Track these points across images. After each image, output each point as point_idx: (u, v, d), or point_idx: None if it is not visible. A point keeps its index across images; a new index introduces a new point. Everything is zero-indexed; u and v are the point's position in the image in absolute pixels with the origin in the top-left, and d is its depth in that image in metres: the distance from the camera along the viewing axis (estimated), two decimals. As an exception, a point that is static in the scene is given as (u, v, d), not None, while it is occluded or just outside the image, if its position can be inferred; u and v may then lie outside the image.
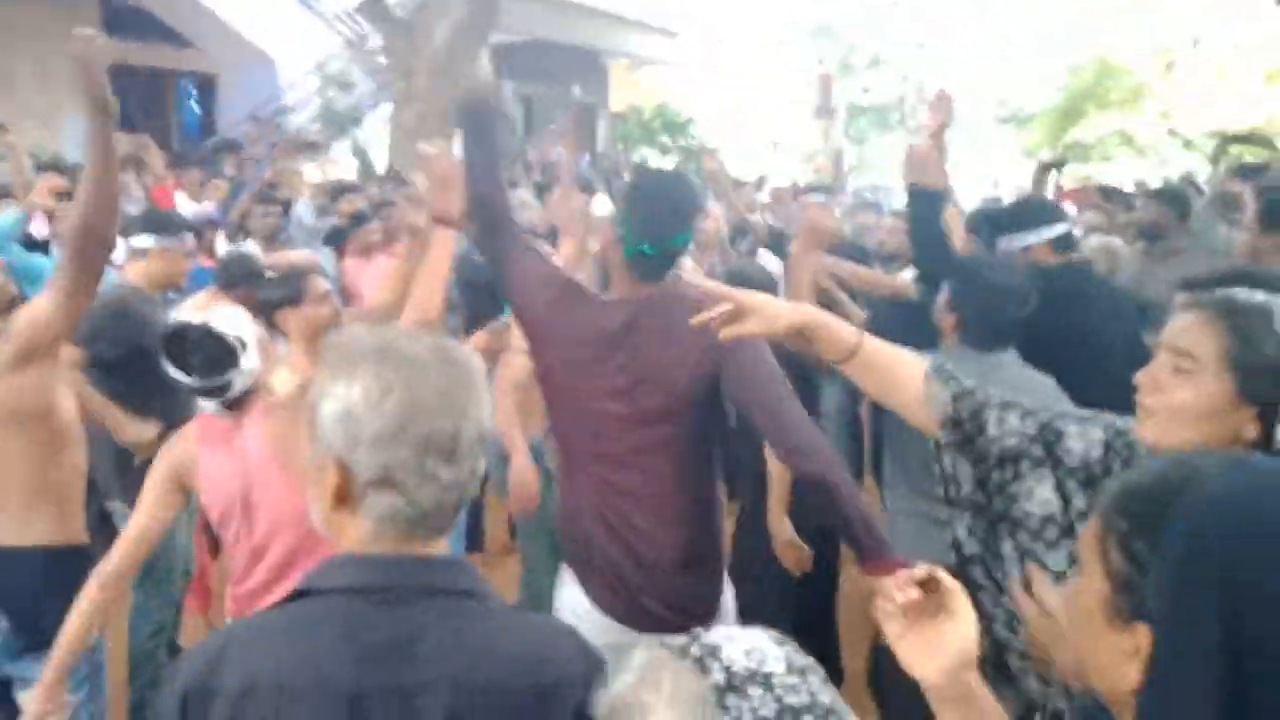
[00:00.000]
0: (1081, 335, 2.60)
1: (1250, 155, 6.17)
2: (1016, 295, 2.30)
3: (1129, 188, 8.97)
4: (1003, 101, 20.01)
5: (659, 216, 1.94)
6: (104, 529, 2.64)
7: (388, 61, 9.83)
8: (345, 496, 0.99)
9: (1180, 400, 1.20)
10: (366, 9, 8.58)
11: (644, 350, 1.93)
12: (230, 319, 2.09)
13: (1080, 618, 0.82)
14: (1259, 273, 1.46)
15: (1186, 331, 1.21)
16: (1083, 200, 5.89)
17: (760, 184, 10.31)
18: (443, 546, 1.05)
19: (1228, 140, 5.55)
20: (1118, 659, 0.76)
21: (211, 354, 1.98)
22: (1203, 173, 10.10)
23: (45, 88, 10.33)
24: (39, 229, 4.08)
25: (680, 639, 0.81)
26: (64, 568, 2.18)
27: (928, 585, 0.98)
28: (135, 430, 2.81)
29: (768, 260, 4.81)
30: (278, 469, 1.99)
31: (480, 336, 3.44)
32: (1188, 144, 15.46)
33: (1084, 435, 1.40)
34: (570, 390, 2.00)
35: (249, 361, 2.02)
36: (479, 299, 3.97)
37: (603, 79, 16.53)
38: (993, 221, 3.45)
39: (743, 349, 1.84)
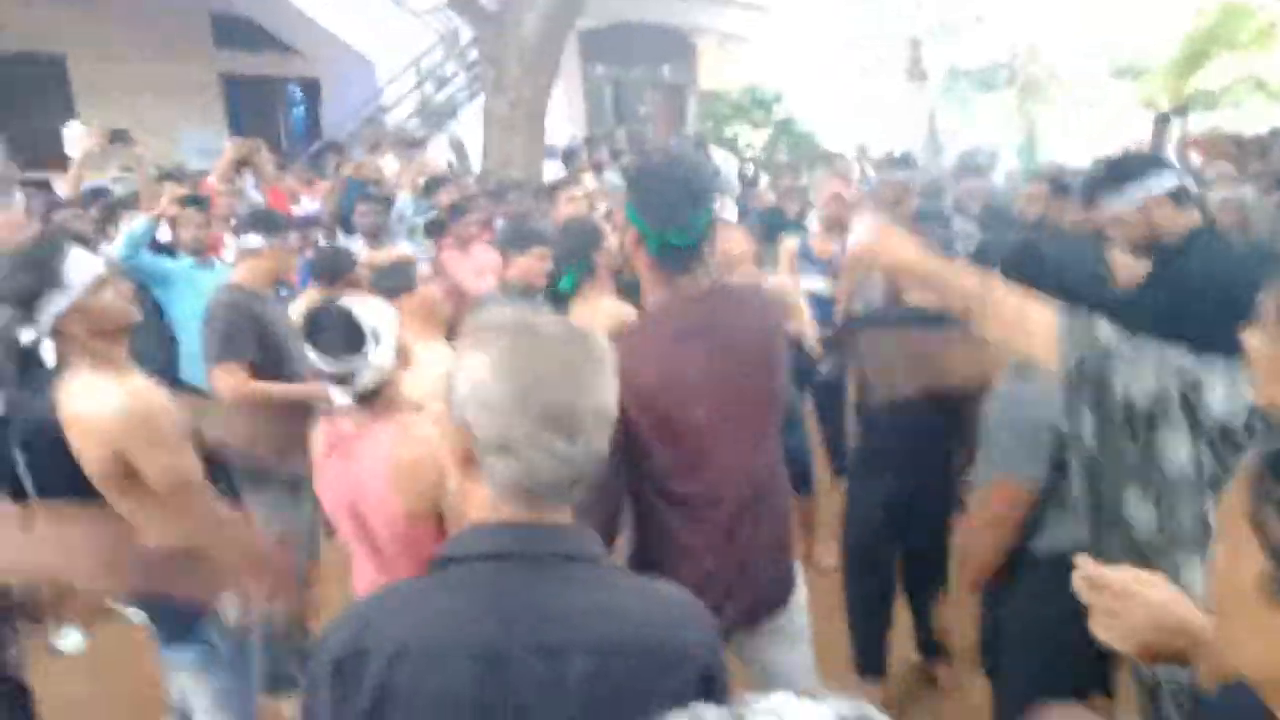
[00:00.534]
0: (1219, 312, 2.39)
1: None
2: (1071, 265, 2.11)
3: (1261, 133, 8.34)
4: (1120, 53, 18.84)
5: (673, 202, 1.86)
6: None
7: (479, 54, 10.00)
8: (469, 461, 1.05)
9: (1263, 358, 1.17)
10: (457, 4, 8.73)
11: (728, 338, 1.89)
12: (374, 309, 2.10)
13: (1231, 597, 0.74)
14: None
15: (1275, 292, 1.18)
16: (1211, 149, 5.46)
17: (862, 153, 10.07)
18: (567, 515, 1.09)
19: None
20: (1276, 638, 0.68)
21: (342, 336, 2.00)
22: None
23: (163, 102, 10.96)
24: (164, 235, 4.33)
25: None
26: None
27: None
28: (315, 390, 2.79)
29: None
30: (384, 481, 1.99)
31: None
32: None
33: (1229, 392, 1.33)
34: (688, 414, 1.86)
35: (379, 354, 2.02)
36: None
37: (691, 58, 16.38)
38: (1090, 183, 3.15)
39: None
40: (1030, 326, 1.49)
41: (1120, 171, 2.75)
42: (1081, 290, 2.08)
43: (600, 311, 3.01)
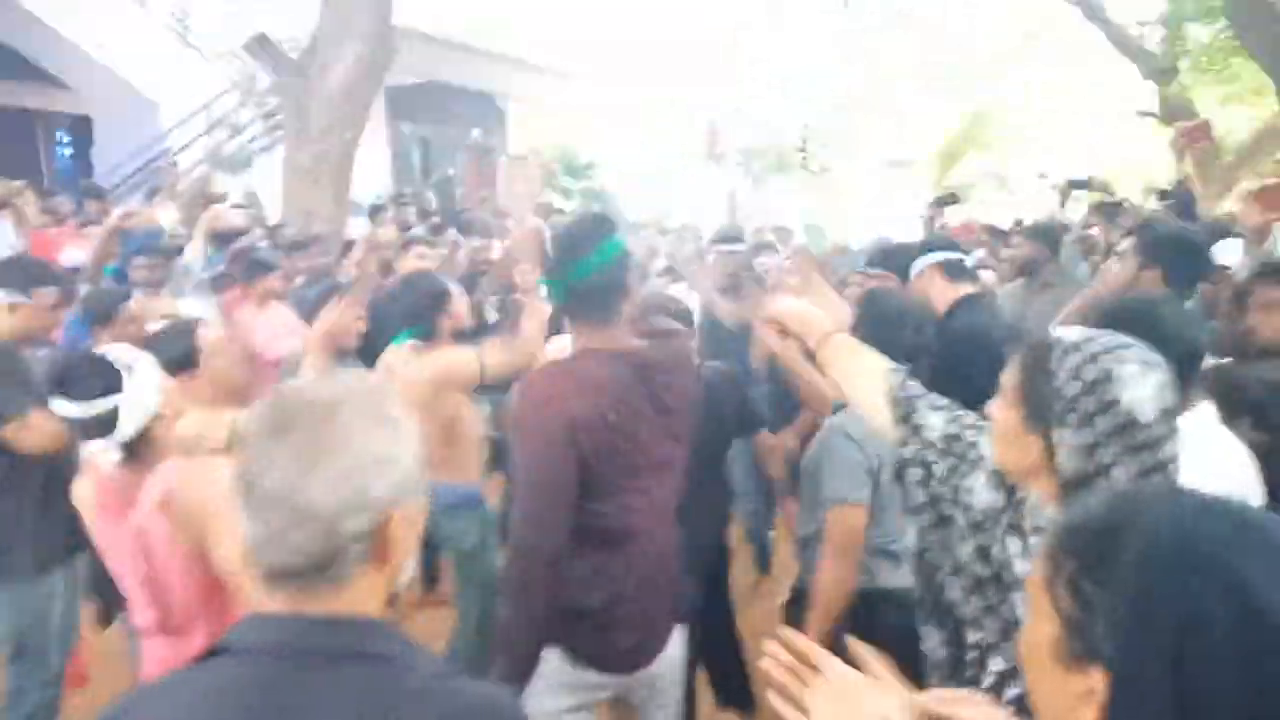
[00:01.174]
0: (987, 365, 2.71)
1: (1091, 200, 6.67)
2: (912, 321, 2.41)
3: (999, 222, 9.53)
4: (894, 146, 21.00)
5: (567, 248, 1.96)
6: None
7: (279, 102, 9.59)
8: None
9: (997, 422, 1.35)
10: (254, 48, 8.38)
11: (662, 391, 2.00)
12: (123, 350, 1.95)
13: (1032, 659, 0.80)
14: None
15: (1008, 368, 1.36)
16: (969, 237, 6.22)
17: (660, 226, 10.52)
18: (352, 602, 1.00)
19: (1072, 185, 5.97)
20: (1070, 702, 0.73)
21: (92, 379, 1.84)
22: (1072, 212, 10.84)
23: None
24: None
25: None
26: None
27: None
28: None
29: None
30: (171, 533, 1.85)
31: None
32: (1055, 186, 16.48)
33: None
34: (615, 463, 1.94)
35: (138, 392, 1.87)
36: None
37: (502, 121, 16.57)
38: (884, 256, 3.60)
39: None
40: (865, 368, 1.72)
41: (901, 252, 3.18)
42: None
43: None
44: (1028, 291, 4.54)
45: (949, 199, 5.61)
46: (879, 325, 2.38)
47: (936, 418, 1.57)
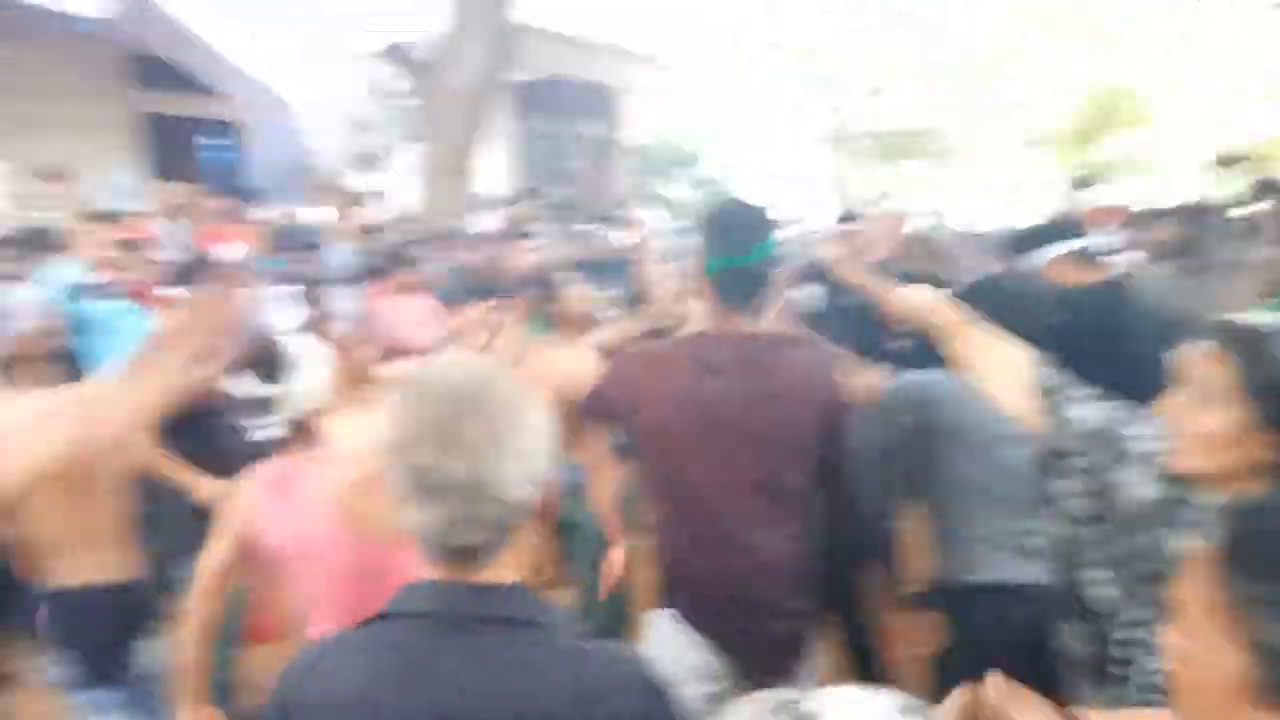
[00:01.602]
0: (1118, 355, 2.61)
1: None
2: (1044, 304, 2.31)
3: (1145, 206, 8.99)
4: (1031, 126, 20.07)
5: (730, 232, 2.00)
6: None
7: (410, 104, 10.04)
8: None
9: (1205, 430, 1.23)
10: (388, 54, 8.80)
11: (766, 388, 1.94)
12: (296, 339, 2.17)
13: (1202, 693, 0.72)
14: None
15: (1199, 361, 1.26)
16: (1112, 220, 5.93)
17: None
18: (503, 571, 1.08)
19: (1223, 162, 5.58)
20: None
21: (270, 363, 2.04)
22: (1211, 191, 10.13)
23: (79, 140, 10.60)
24: (97, 279, 4.21)
25: (778, 696, 0.83)
26: (130, 603, 2.26)
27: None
28: (208, 488, 2.91)
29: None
30: (336, 521, 2.01)
31: None
32: (1208, 165, 15.44)
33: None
34: (695, 437, 1.96)
35: (305, 375, 2.05)
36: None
37: (616, 113, 16.75)
38: (1011, 243, 3.47)
39: (845, 418, 2.02)
40: (1002, 364, 1.66)
41: (1028, 238, 3.07)
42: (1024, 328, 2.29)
43: (562, 362, 3.09)
44: (1175, 275, 4.33)
45: (1086, 180, 5.36)
46: (1005, 312, 2.26)
47: (1085, 409, 1.52)
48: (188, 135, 12.65)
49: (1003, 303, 2.30)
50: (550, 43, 12.99)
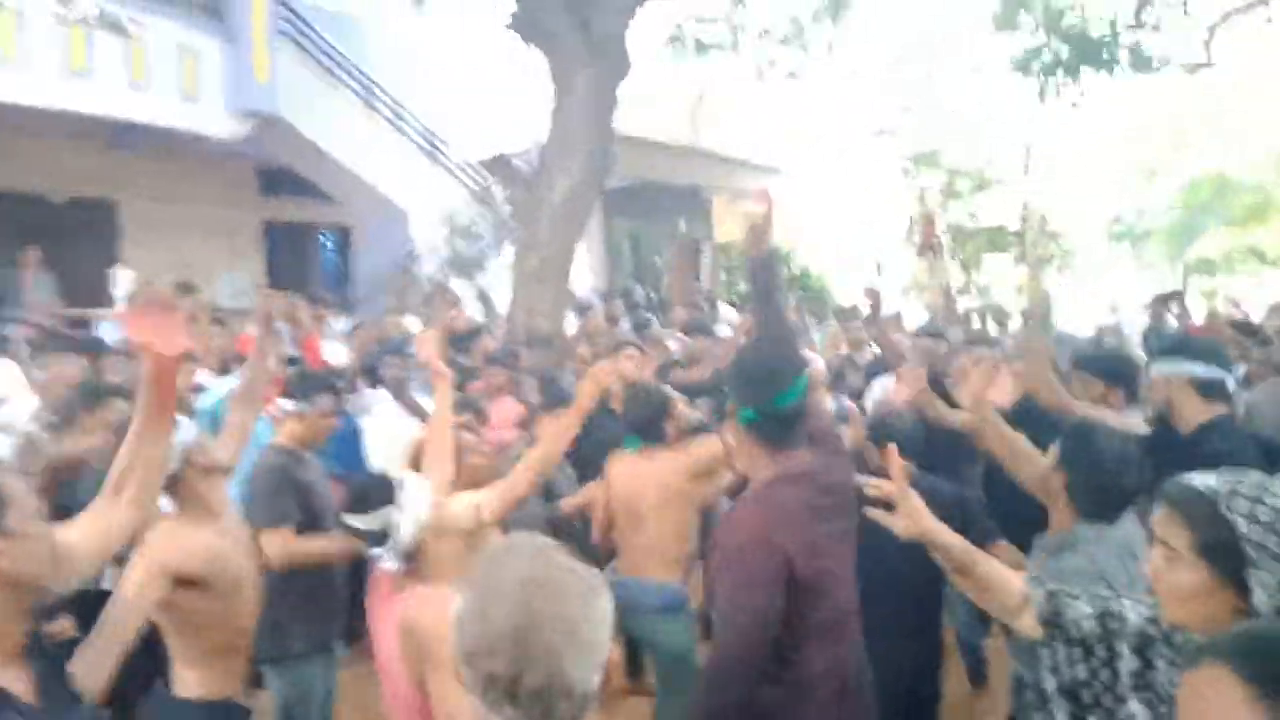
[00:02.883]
0: None
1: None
2: (1133, 462, 2.22)
3: (1254, 301, 8.59)
4: (1117, 219, 19.61)
5: (762, 380, 2.05)
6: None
7: (510, 212, 10.53)
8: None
9: (1173, 585, 1.35)
10: (492, 165, 9.30)
11: (847, 508, 2.11)
12: (405, 472, 2.29)
13: None
14: None
15: (1160, 522, 1.37)
16: (1211, 333, 5.69)
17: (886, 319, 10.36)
18: None
19: None
20: None
21: (374, 493, 2.13)
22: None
23: (207, 244, 11.49)
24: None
25: None
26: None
27: None
28: (343, 545, 2.98)
29: (881, 388, 4.90)
30: (399, 654, 2.06)
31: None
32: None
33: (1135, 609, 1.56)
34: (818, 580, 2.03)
35: (410, 503, 2.13)
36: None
37: (707, 212, 17.14)
38: (1105, 365, 3.47)
39: None
40: (1004, 587, 1.72)
41: (1172, 346, 3.03)
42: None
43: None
44: (1288, 395, 4.12)
45: (1173, 295, 5.18)
46: (1096, 470, 2.22)
47: (1080, 608, 1.60)
48: (305, 239, 13.56)
49: (1095, 459, 2.25)
50: (642, 148, 13.50)
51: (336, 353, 6.09)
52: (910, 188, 18.78)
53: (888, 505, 1.68)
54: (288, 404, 3.41)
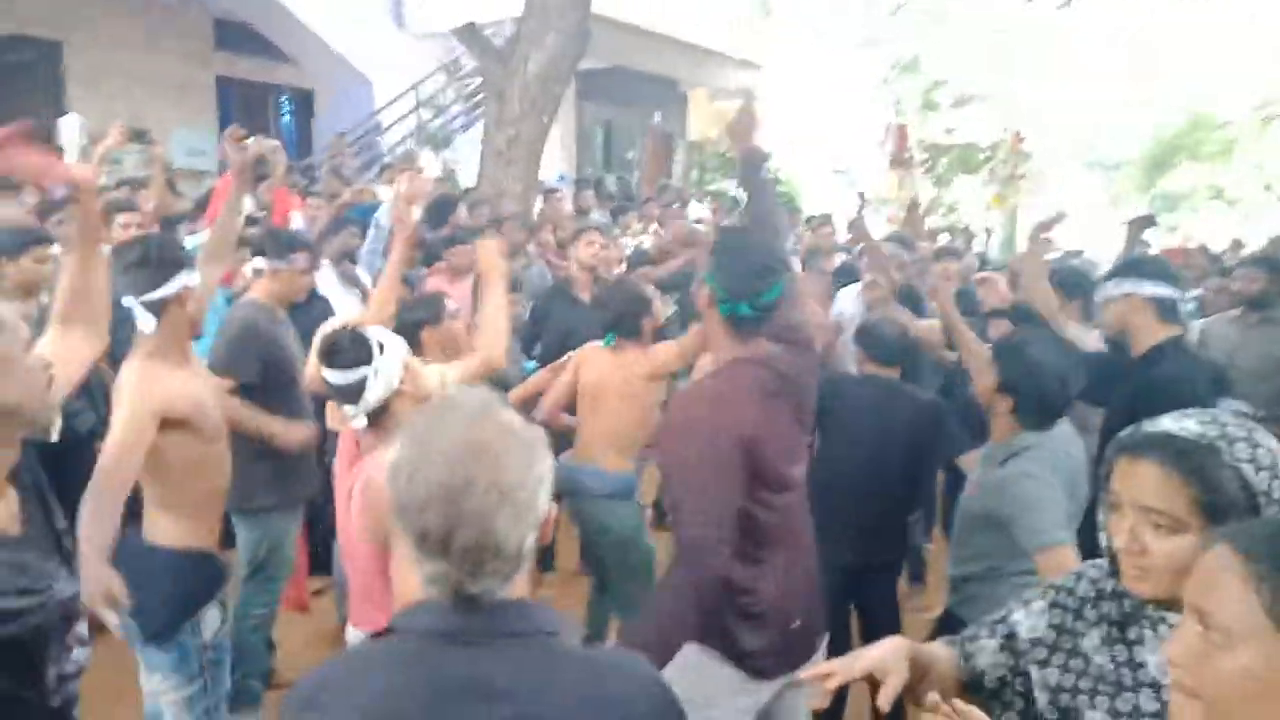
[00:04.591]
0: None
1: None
2: (1058, 371, 2.28)
3: (1216, 240, 8.75)
4: (1091, 148, 19.62)
5: (750, 275, 2.04)
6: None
7: (481, 86, 10.12)
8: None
9: (1172, 556, 1.14)
10: (463, 34, 8.87)
11: (800, 398, 2.13)
12: (380, 330, 2.26)
13: (1234, 683, 0.83)
14: None
15: (1148, 487, 1.16)
16: (1179, 260, 5.78)
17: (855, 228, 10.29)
18: (517, 588, 1.11)
19: None
20: None
21: (349, 350, 2.12)
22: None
23: (158, 98, 10.91)
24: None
25: None
26: (192, 569, 2.35)
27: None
28: (291, 434, 3.09)
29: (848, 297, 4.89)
30: (360, 524, 2.08)
31: (548, 370, 3.64)
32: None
33: (1029, 611, 1.37)
34: (774, 461, 2.06)
35: (385, 365, 2.12)
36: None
37: (682, 107, 16.71)
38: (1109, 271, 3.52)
39: None
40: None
41: (1126, 266, 3.05)
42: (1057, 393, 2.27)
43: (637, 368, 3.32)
44: (1243, 325, 4.21)
45: (1147, 220, 5.21)
46: (1026, 377, 2.29)
47: (1025, 618, 1.37)
48: (262, 100, 12.95)
49: (1025, 367, 2.30)
50: (620, 32, 12.99)
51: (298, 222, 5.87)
52: (888, 96, 18.48)
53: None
54: (260, 262, 3.36)
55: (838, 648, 2.09)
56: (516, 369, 3.92)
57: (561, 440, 3.50)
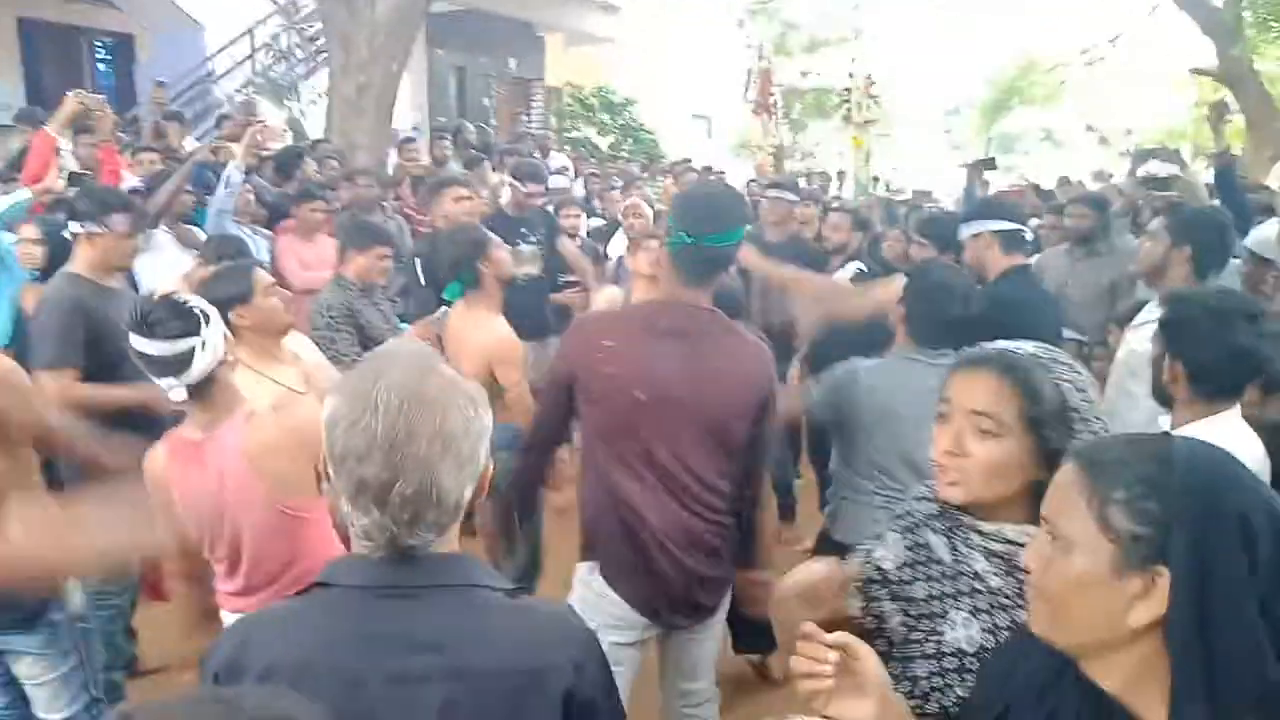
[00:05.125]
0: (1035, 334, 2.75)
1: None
2: (959, 294, 2.46)
3: (1046, 179, 9.37)
4: (947, 95, 20.49)
5: (703, 212, 2.07)
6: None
7: (324, 31, 9.52)
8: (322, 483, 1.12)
9: (990, 460, 1.26)
10: (300, -26, 8.33)
11: (707, 357, 2.06)
12: (198, 299, 2.09)
13: (1071, 584, 0.93)
14: None
15: (981, 393, 1.27)
16: (1016, 198, 6.17)
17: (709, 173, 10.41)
18: (442, 543, 1.12)
19: (1143, 154, 5.85)
20: (1123, 604, 0.90)
21: (173, 321, 1.96)
22: (1115, 167, 10.64)
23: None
24: None
25: None
26: None
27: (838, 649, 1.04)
28: (145, 394, 2.63)
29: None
30: (252, 482, 1.99)
31: (419, 326, 3.47)
32: (1103, 140, 16.15)
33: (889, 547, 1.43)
34: (630, 399, 2.05)
35: (211, 335, 2.00)
36: (427, 293, 3.92)
37: (539, 52, 16.34)
38: (938, 228, 3.70)
39: (774, 400, 2.16)
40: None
41: (976, 210, 3.35)
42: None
43: (481, 327, 3.03)
44: (1072, 259, 4.53)
45: (987, 163, 5.54)
46: (927, 299, 2.46)
47: (887, 553, 1.42)
48: (74, 45, 11.77)
49: (926, 290, 2.48)
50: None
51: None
52: (743, 40, 18.63)
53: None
54: (76, 225, 2.97)
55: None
56: (391, 330, 3.73)
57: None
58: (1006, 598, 1.29)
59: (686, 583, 2.14)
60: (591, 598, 2.15)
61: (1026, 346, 1.31)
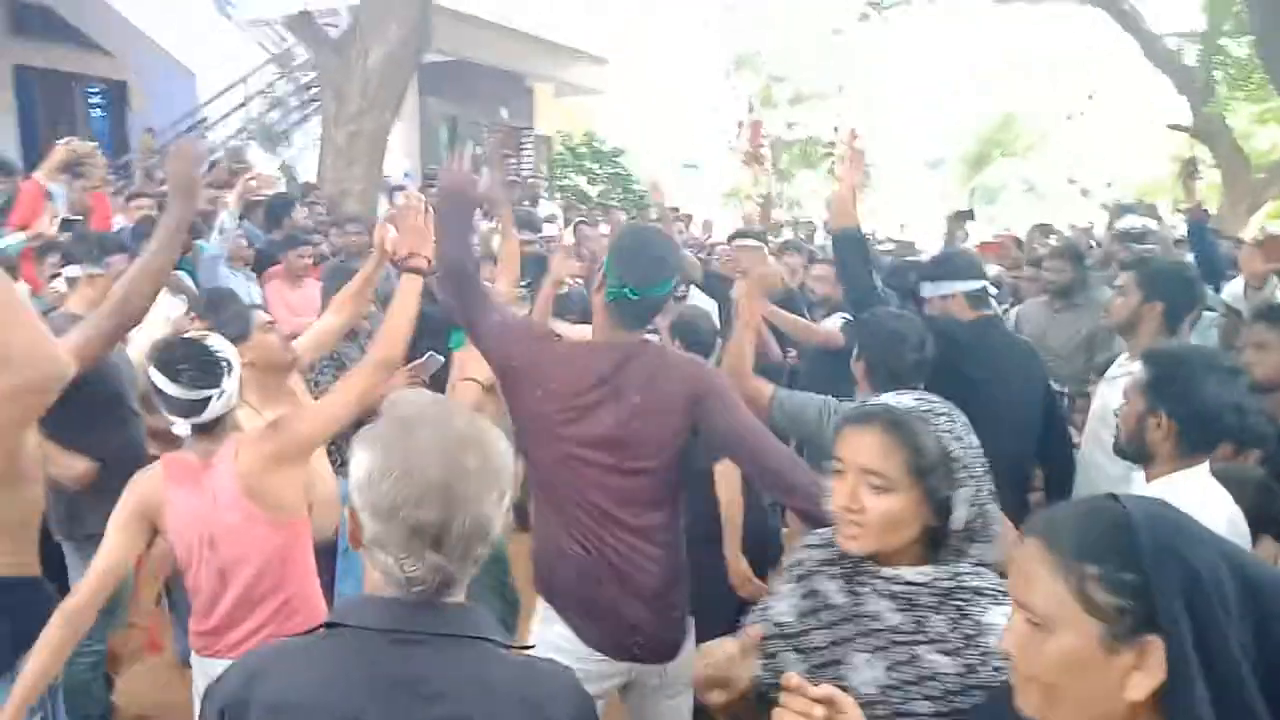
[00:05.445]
0: (985, 385, 2.72)
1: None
2: (911, 341, 2.51)
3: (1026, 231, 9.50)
4: (919, 146, 20.86)
5: (641, 263, 2.06)
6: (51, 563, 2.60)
7: (317, 79, 9.67)
8: (358, 543, 1.13)
9: (885, 513, 1.30)
10: (295, 24, 8.46)
11: (630, 397, 2.03)
12: (223, 342, 2.17)
13: (1061, 666, 0.91)
14: None
15: (869, 451, 1.32)
16: (997, 253, 6.26)
17: (707, 227, 10.51)
18: (458, 594, 1.15)
19: (1121, 209, 5.96)
20: (1119, 677, 0.88)
21: (201, 367, 2.04)
22: (1096, 218, 10.83)
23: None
24: None
25: None
26: (17, 597, 2.15)
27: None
28: (65, 463, 2.83)
29: (698, 299, 4.96)
30: (245, 506, 2.04)
31: (405, 371, 3.49)
32: (1084, 192, 16.46)
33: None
34: (554, 436, 2.05)
35: (230, 385, 2.08)
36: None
37: (529, 102, 16.60)
38: (921, 271, 3.72)
39: (717, 401, 2.04)
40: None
41: (939, 268, 3.31)
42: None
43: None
44: (1051, 310, 4.60)
45: (967, 214, 5.63)
46: (883, 350, 2.52)
47: (782, 606, 1.46)
48: (69, 91, 11.89)
49: (881, 338, 2.53)
50: (463, 24, 12.76)
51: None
52: (730, 90, 19.01)
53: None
54: (75, 269, 3.10)
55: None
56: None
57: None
58: (906, 633, 1.32)
59: (630, 620, 2.08)
60: (549, 634, 2.12)
61: (906, 400, 1.35)
